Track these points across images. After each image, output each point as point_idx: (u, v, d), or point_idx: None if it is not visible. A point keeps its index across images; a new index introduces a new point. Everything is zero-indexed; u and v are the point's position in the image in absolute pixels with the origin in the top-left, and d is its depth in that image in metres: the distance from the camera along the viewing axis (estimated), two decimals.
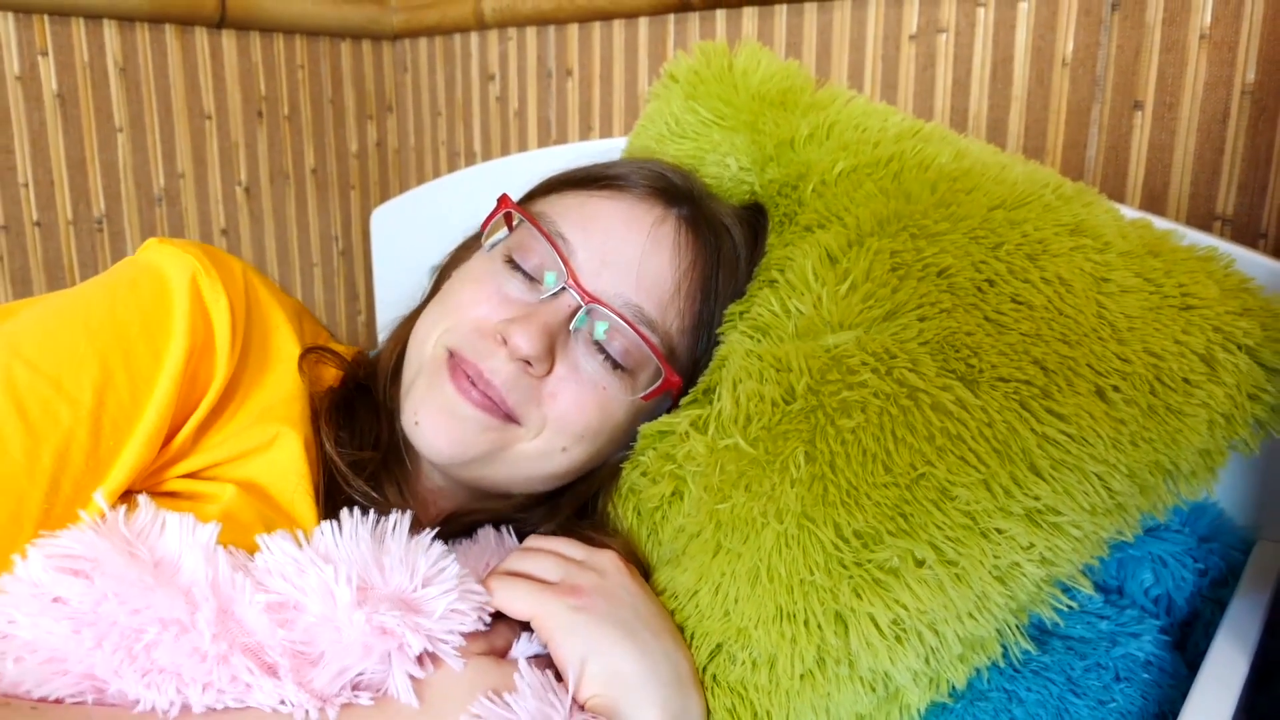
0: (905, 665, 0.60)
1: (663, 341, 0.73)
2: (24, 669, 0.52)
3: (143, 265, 0.65)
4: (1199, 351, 0.64)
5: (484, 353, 0.69)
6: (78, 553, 0.54)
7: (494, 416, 0.69)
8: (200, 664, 0.53)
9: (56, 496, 0.56)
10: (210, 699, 0.54)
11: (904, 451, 0.62)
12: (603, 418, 0.73)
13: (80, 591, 0.53)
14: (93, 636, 0.52)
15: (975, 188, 0.74)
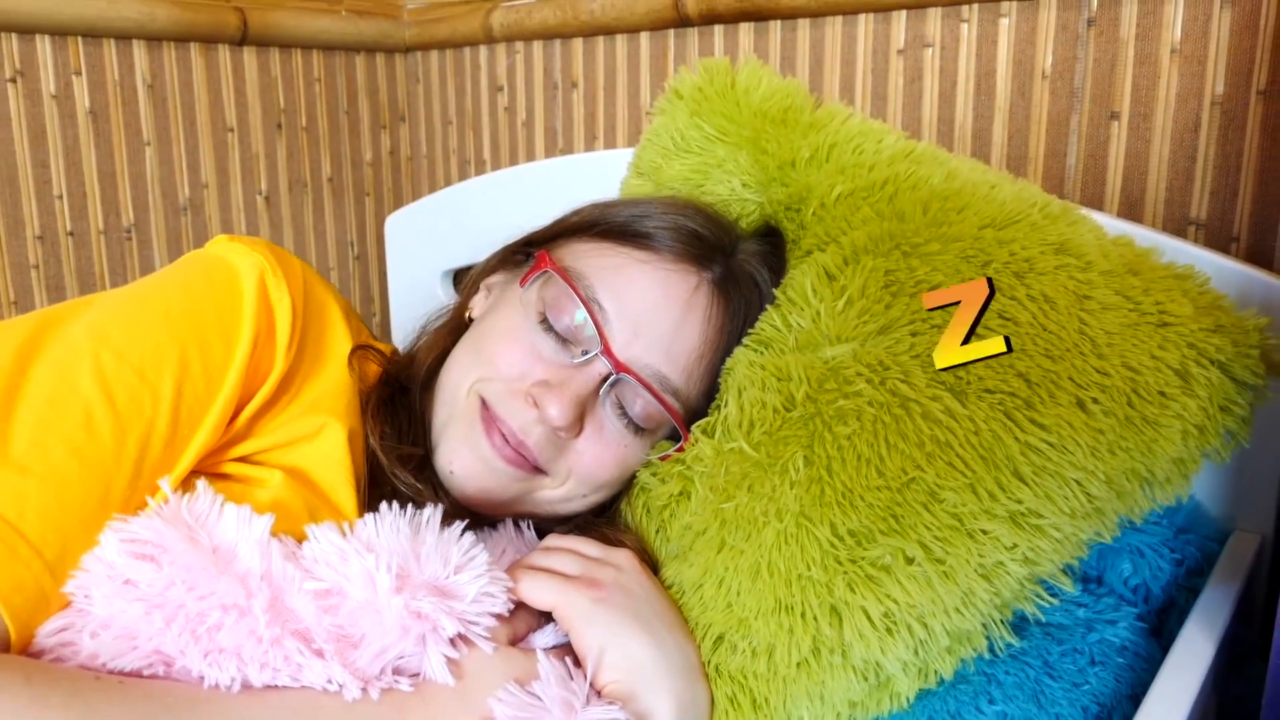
0: (895, 656, 0.62)
1: (684, 405, 0.75)
2: (100, 643, 0.54)
3: (215, 260, 0.67)
4: (1174, 366, 0.66)
5: (517, 412, 0.71)
6: (147, 538, 0.56)
7: (523, 470, 0.72)
8: (257, 645, 0.56)
9: (139, 481, 0.59)
10: (267, 677, 0.56)
11: (896, 457, 0.64)
12: (622, 471, 0.76)
13: (150, 576, 0.55)
14: (162, 618, 0.55)
15: (965, 207, 0.75)
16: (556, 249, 0.79)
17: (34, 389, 0.57)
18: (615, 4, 1.35)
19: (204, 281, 0.65)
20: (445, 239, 1.35)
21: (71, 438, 0.56)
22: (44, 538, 0.54)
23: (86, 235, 1.31)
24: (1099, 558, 0.75)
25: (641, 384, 0.72)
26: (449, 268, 1.35)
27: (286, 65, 1.52)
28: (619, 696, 0.61)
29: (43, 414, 0.56)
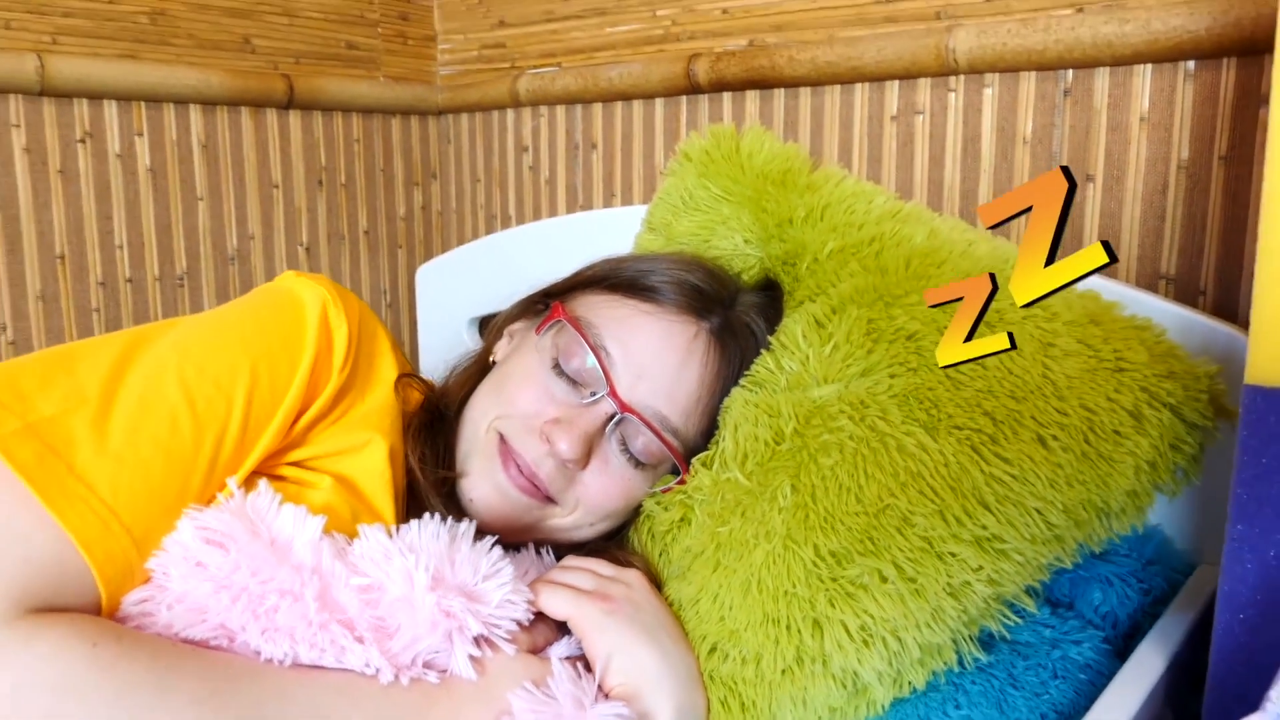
0: (871, 666, 0.65)
1: (682, 443, 0.79)
2: (174, 614, 0.60)
3: (283, 291, 0.73)
4: (1128, 408, 0.70)
5: (530, 446, 0.76)
6: (217, 528, 0.62)
7: (536, 499, 0.76)
8: (307, 628, 0.61)
9: (212, 477, 0.64)
10: (314, 656, 0.61)
11: (873, 485, 0.68)
12: (626, 502, 0.80)
13: (218, 560, 0.61)
14: (228, 597, 0.60)
15: (944, 262, 0.79)
16: (570, 300, 0.84)
17: (128, 393, 0.62)
18: (632, 72, 1.40)
19: (273, 309, 0.72)
20: (472, 289, 1.38)
21: (158, 436, 0.61)
22: (133, 518, 0.59)
23: (144, 282, 1.36)
24: (1071, 585, 0.78)
25: (644, 423, 0.77)
26: (474, 315, 1.37)
27: (328, 127, 1.57)
28: (625, 697, 0.65)
29: (135, 415, 0.62)
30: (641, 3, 1.41)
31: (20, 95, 1.21)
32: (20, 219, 1.23)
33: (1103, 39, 0.96)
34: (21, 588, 0.55)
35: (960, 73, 1.10)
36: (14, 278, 1.23)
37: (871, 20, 1.16)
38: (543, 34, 1.57)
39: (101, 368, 0.63)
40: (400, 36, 1.65)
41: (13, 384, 0.60)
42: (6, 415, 0.58)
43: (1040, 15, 1.01)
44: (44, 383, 0.61)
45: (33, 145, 1.23)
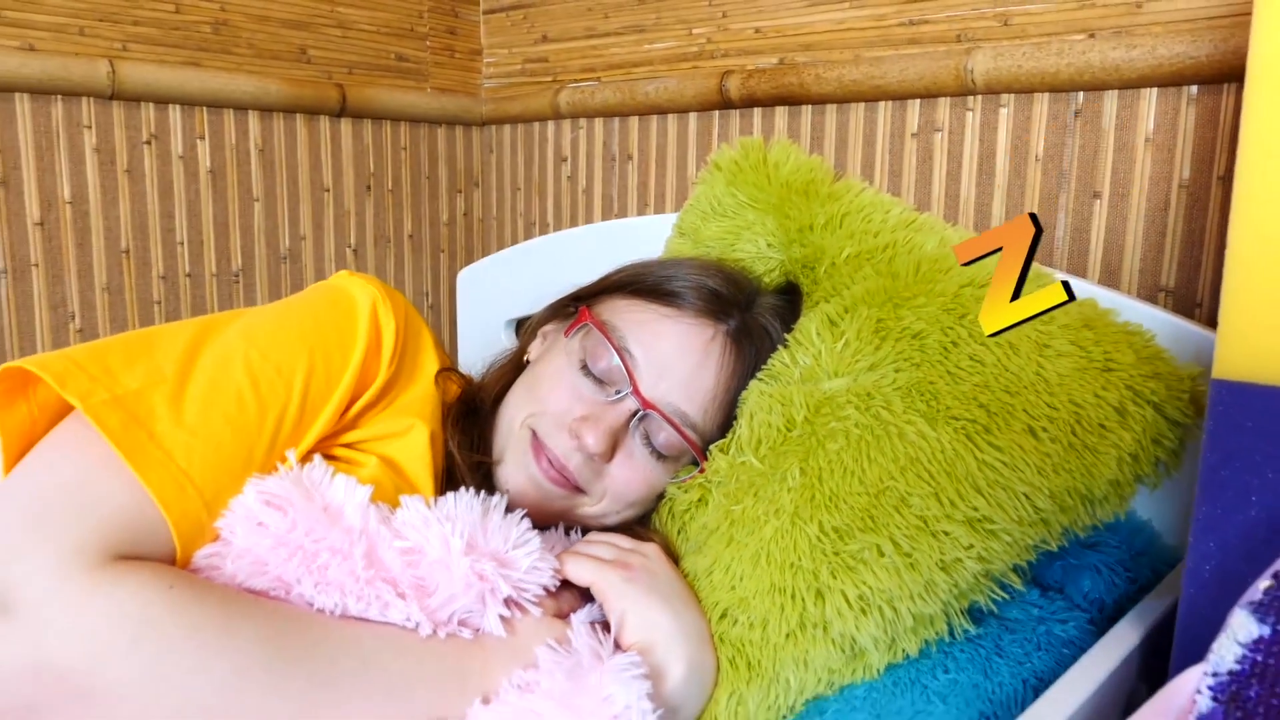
0: (868, 632, 0.70)
1: (701, 437, 0.85)
2: (238, 567, 0.66)
3: (338, 290, 0.79)
4: (1113, 404, 0.74)
5: (561, 442, 0.81)
6: (277, 493, 0.67)
7: (565, 489, 0.82)
8: (355, 583, 0.66)
9: (273, 450, 0.70)
10: (361, 609, 0.67)
11: (874, 469, 0.73)
12: (648, 491, 0.86)
13: (278, 520, 0.66)
14: (285, 553, 0.66)
15: (951, 269, 0.84)
16: (597, 304, 0.90)
17: (201, 374, 0.69)
18: (668, 87, 1.44)
19: (329, 305, 0.78)
20: (510, 292, 1.42)
21: (227, 412, 0.68)
22: (204, 482, 0.65)
23: (202, 277, 1.42)
24: (1063, 572, 0.83)
25: (664, 419, 0.82)
26: (512, 317, 1.41)
27: (377, 135, 1.62)
28: (640, 652, 0.70)
29: (207, 393, 0.68)
30: (678, 21, 1.45)
31: (92, 98, 1.28)
32: (89, 215, 1.30)
33: (1111, 63, 1.00)
34: (109, 538, 0.62)
35: (978, 93, 1.13)
36: (83, 270, 1.30)
37: (895, 42, 1.19)
38: (583, 49, 1.61)
39: (177, 349, 0.70)
40: (448, 50, 1.70)
41: (102, 361, 0.67)
42: (96, 387, 0.64)
43: (1054, 40, 1.05)
44: (128, 361, 0.67)
45: (102, 146, 1.30)
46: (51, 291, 1.27)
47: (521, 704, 0.65)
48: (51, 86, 1.23)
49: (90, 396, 0.64)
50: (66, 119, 1.26)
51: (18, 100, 1.22)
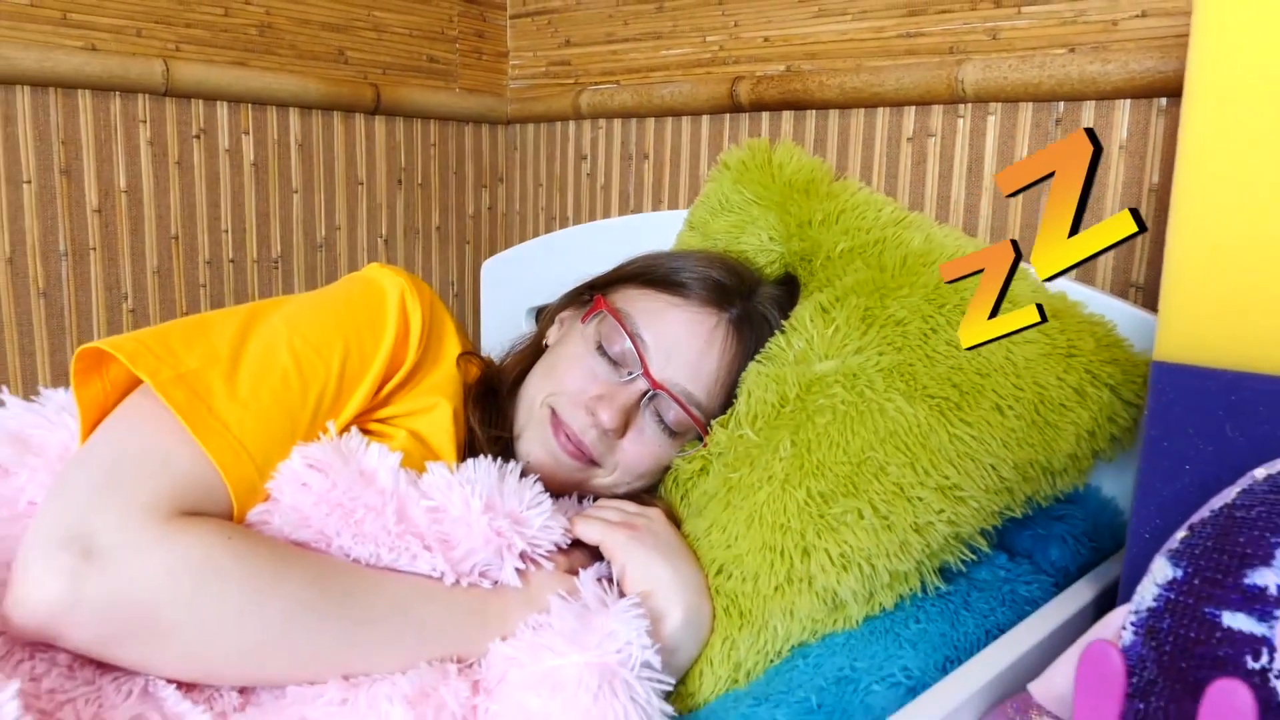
0: (848, 587, 0.76)
1: (705, 414, 0.91)
2: (285, 521, 0.72)
3: (370, 281, 0.86)
4: (1073, 386, 0.80)
5: (577, 419, 0.88)
6: (319, 458, 0.73)
7: (581, 462, 0.88)
8: (387, 536, 0.73)
9: (314, 423, 0.76)
10: (393, 559, 0.73)
11: (857, 441, 0.80)
12: (656, 464, 0.92)
13: (319, 481, 0.72)
14: (326, 509, 0.72)
15: (933, 262, 0.89)
16: (611, 293, 0.95)
17: (250, 356, 0.75)
18: (682, 91, 1.48)
19: (362, 295, 0.85)
20: (531, 282, 1.45)
21: (274, 389, 0.75)
22: (256, 449, 0.72)
23: (244, 263, 1.48)
24: (1032, 541, 0.89)
25: (672, 398, 0.89)
26: (533, 306, 1.44)
27: (409, 132, 1.66)
28: (641, 600, 0.76)
29: (256, 373, 0.75)
30: (693, 29, 1.49)
31: (147, 95, 1.34)
32: (143, 203, 1.36)
33: (1089, 76, 1.06)
34: (175, 496, 0.68)
35: (968, 101, 1.18)
36: (135, 254, 1.36)
37: (893, 53, 1.24)
38: (604, 54, 1.64)
39: (229, 333, 0.76)
40: (476, 52, 1.74)
41: (165, 343, 0.73)
42: (162, 366, 0.71)
43: (1037, 54, 1.11)
44: (188, 343, 0.74)
45: (155, 139, 1.37)
46: (107, 273, 1.34)
47: (535, 640, 0.71)
48: (111, 84, 1.29)
49: (158, 374, 0.70)
50: (124, 114, 1.33)
51: (80, 96, 1.28)
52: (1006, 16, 1.14)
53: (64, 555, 0.63)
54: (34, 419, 0.79)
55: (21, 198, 1.25)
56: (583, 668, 0.67)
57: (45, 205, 1.28)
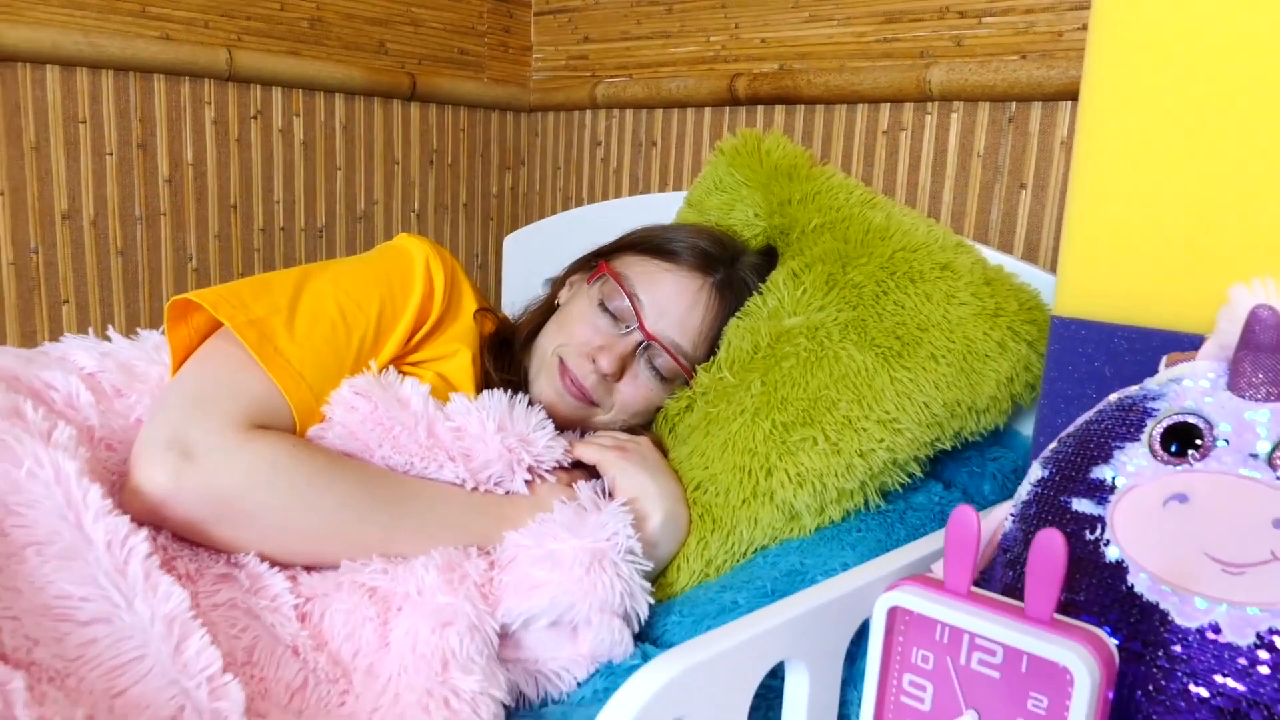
0: (803, 501, 0.89)
1: (691, 362, 1.02)
2: (337, 436, 0.84)
3: (399, 248, 0.99)
4: (996, 340, 0.93)
5: (581, 366, 0.99)
6: (364, 387, 0.86)
7: (584, 403, 1.00)
8: (419, 449, 0.85)
9: (358, 362, 0.89)
10: (423, 468, 0.85)
11: (815, 381, 0.93)
12: (648, 405, 1.04)
13: (364, 405, 0.85)
14: (370, 427, 0.84)
15: (890, 237, 1.02)
16: (614, 260, 1.07)
17: (304, 307, 0.88)
18: (687, 85, 1.57)
19: (394, 259, 0.98)
20: (548, 255, 1.51)
21: (324, 333, 0.88)
22: (312, 379, 0.85)
23: (293, 231, 1.58)
24: (969, 478, 1.01)
25: (663, 348, 1.01)
26: (549, 277, 1.55)
27: (441, 117, 1.75)
28: (628, 503, 0.89)
29: (309, 320, 0.88)
30: (698, 30, 1.57)
31: (212, 79, 1.46)
32: (207, 175, 1.48)
33: (1036, 80, 1.16)
34: (251, 413, 0.82)
35: (934, 100, 1.27)
36: (200, 221, 1.49)
37: (872, 55, 1.34)
38: (618, 50, 1.71)
39: (287, 289, 0.90)
40: (502, 46, 1.83)
41: (238, 295, 0.87)
42: (236, 313, 0.84)
43: (994, 60, 1.21)
44: (255, 297, 0.87)
45: (218, 119, 1.48)
46: (175, 236, 1.47)
47: (540, 530, 0.84)
48: (181, 69, 1.42)
49: (234, 319, 0.84)
50: (192, 96, 1.45)
51: (155, 80, 1.41)
52: (969, 26, 1.24)
53: (168, 455, 0.77)
54: (138, 353, 0.93)
55: (105, 168, 1.39)
56: (578, 549, 0.81)
57: (124, 175, 1.41)
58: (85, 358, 0.89)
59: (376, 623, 0.77)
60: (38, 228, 1.34)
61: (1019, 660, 0.55)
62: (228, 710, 0.61)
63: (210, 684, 0.62)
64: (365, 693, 0.71)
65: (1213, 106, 0.70)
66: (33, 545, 0.66)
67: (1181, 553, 0.58)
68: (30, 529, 0.66)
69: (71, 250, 1.37)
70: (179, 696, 0.62)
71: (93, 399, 0.84)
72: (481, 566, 0.82)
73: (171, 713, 0.61)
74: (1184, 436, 0.61)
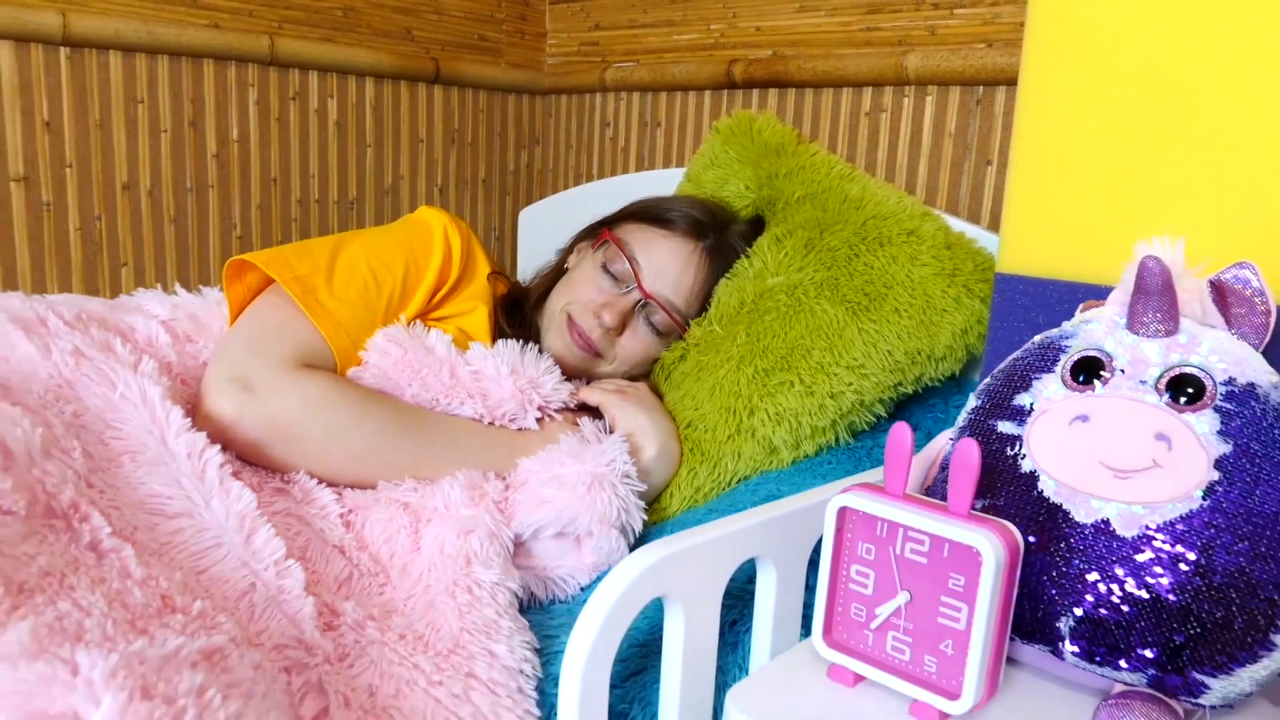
0: (780, 437, 0.98)
1: (684, 318, 1.11)
2: (372, 376, 0.94)
3: (421, 218, 1.08)
4: (953, 297, 1.01)
5: (587, 321, 1.08)
6: (395, 335, 0.95)
7: (589, 354, 1.09)
8: (443, 389, 0.94)
9: (388, 314, 0.98)
10: (446, 405, 0.95)
11: (793, 332, 1.02)
12: (645, 357, 1.13)
13: (395, 350, 0.94)
14: (401, 368, 0.93)
15: (863, 207, 1.11)
16: (616, 227, 1.16)
17: (341, 268, 0.98)
18: (688, 70, 1.63)
19: (416, 227, 1.07)
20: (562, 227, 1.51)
21: (358, 290, 0.97)
22: (350, 327, 0.95)
23: (326, 203, 1.67)
24: (934, 423, 1.10)
25: (660, 305, 1.10)
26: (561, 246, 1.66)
27: (462, 99, 1.82)
28: (625, 437, 0.98)
29: (345, 279, 0.97)
30: (699, 18, 1.63)
31: (255, 64, 1.54)
32: (250, 151, 1.57)
33: (1000, 66, 1.23)
34: (299, 355, 0.92)
35: (911, 84, 1.34)
36: (243, 193, 1.58)
37: (856, 43, 1.41)
38: (626, 37, 1.77)
39: (325, 253, 0.99)
40: (519, 33, 1.89)
41: (284, 257, 0.96)
42: (285, 271, 0.94)
43: (964, 47, 1.27)
44: (299, 258, 0.97)
45: (260, 100, 1.57)
46: (221, 207, 1.57)
47: (548, 457, 0.93)
48: (229, 54, 1.50)
49: (283, 275, 0.94)
50: (238, 79, 1.54)
51: (205, 64, 1.50)
52: (941, 17, 1.32)
53: (231, 388, 0.87)
54: (202, 305, 1.03)
55: (160, 144, 1.49)
56: (581, 472, 0.91)
57: (177, 150, 1.51)
58: (158, 307, 1.00)
59: (409, 531, 0.87)
60: (101, 197, 1.44)
61: (942, 547, 0.65)
62: (291, 586, 0.72)
63: (276, 566, 0.73)
64: (401, 584, 0.81)
65: (1128, 96, 0.79)
66: (127, 453, 0.76)
67: (1081, 463, 0.68)
68: (125, 440, 0.77)
69: (130, 218, 1.47)
70: (250, 576, 0.72)
71: (170, 340, 0.94)
72: (499, 487, 0.93)
73: (244, 588, 0.71)
74: (1090, 368, 0.70)
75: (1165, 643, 0.63)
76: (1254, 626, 0.61)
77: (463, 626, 0.74)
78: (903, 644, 0.67)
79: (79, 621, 0.51)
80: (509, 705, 0.68)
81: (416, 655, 0.70)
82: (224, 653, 0.55)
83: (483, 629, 0.74)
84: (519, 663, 0.72)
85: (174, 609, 0.60)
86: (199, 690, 0.49)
